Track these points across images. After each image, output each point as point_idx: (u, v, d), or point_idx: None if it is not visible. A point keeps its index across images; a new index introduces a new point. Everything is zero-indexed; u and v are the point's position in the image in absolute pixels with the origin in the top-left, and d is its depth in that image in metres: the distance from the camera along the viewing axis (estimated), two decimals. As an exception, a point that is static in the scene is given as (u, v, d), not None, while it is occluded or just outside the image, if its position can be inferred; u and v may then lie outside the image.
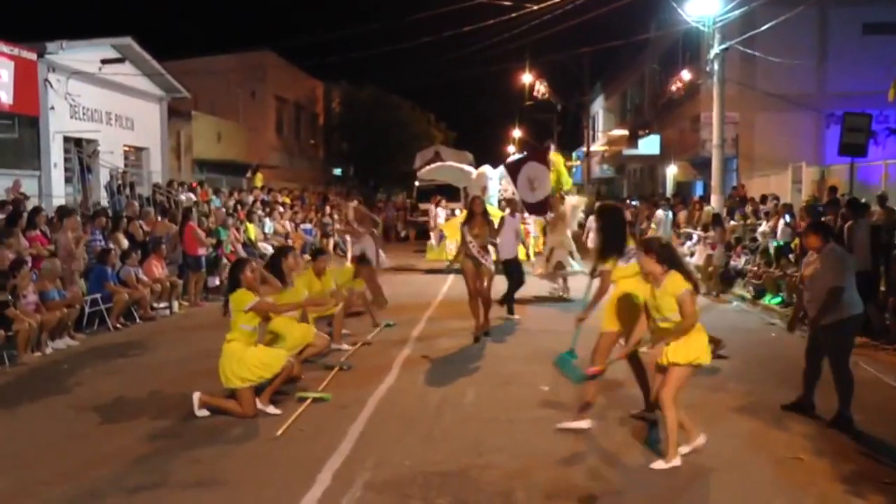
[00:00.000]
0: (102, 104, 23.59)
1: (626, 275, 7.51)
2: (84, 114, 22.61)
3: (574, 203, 18.30)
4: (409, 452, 7.00)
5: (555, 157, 19.02)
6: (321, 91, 50.68)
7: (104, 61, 22.58)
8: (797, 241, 15.88)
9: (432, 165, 25.01)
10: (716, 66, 22.76)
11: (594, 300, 7.96)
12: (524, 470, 6.61)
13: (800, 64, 26.77)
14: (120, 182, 21.38)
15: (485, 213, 12.29)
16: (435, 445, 7.24)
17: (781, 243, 16.78)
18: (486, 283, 12.13)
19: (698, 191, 35.65)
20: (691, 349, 6.65)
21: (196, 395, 8.13)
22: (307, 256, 16.30)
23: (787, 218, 17.71)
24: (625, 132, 46.96)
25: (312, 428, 7.70)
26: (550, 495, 6.11)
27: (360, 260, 13.82)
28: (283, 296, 9.39)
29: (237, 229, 20.22)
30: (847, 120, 16.68)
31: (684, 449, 6.74)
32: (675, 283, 6.68)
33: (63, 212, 15.10)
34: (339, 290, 12.00)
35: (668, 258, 6.82)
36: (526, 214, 24.42)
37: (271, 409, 8.15)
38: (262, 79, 40.00)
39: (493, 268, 12.29)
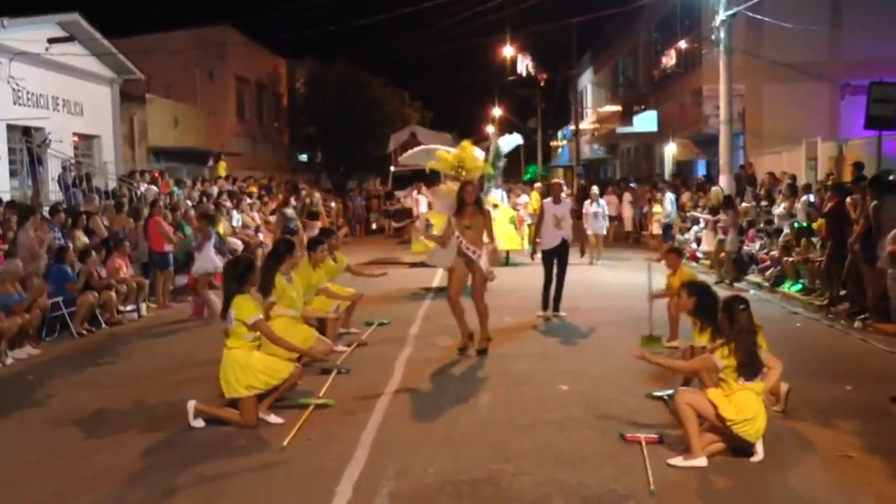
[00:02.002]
0: (49, 88, 23.47)
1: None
2: (29, 99, 22.46)
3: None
4: (431, 460, 7.06)
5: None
6: (285, 70, 50.62)
7: (51, 40, 22.41)
8: (821, 222, 16.04)
9: (414, 149, 25.01)
10: (722, 34, 22.92)
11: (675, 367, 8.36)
12: (555, 475, 6.68)
13: (811, 30, 26.86)
14: (74, 174, 21.22)
15: (478, 202, 11.43)
16: (456, 451, 7.29)
17: (804, 224, 16.91)
18: (477, 283, 11.27)
19: (700, 170, 35.91)
20: (740, 412, 6.89)
21: (191, 404, 8.14)
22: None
23: (811, 198, 17.86)
24: (617, 108, 47.13)
25: (321, 436, 7.74)
26: (589, 500, 6.19)
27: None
28: (287, 290, 9.44)
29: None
30: (874, 90, 16.86)
31: (678, 460, 6.85)
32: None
33: (23, 209, 15.01)
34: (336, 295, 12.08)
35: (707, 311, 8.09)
36: (520, 200, 24.68)
37: (273, 419, 8.18)
38: (222, 57, 39.99)
39: (487, 267, 11.36)
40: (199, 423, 8.09)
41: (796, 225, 17.01)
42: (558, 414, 8.39)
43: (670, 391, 8.53)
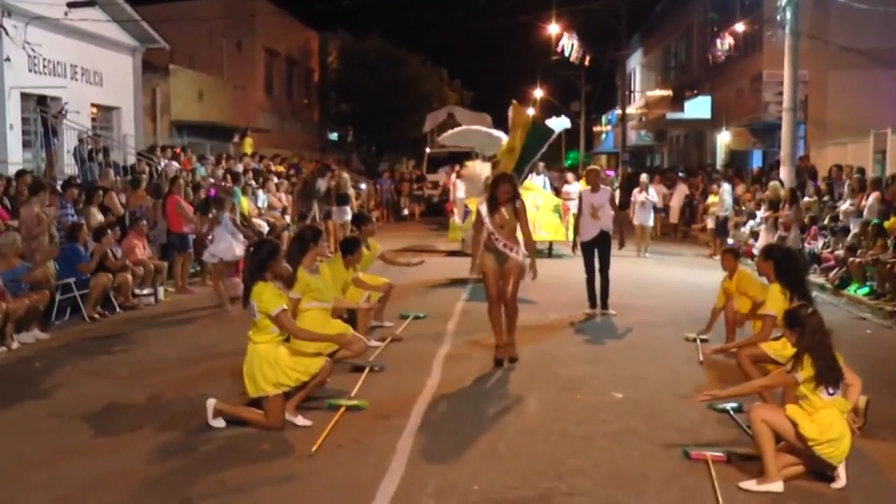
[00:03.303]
0: (67, 56, 23.27)
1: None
2: (45, 67, 22.27)
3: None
4: (475, 474, 6.68)
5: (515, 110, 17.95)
6: (316, 43, 50.46)
7: (70, 4, 22.15)
8: (893, 221, 15.55)
9: (455, 129, 24.60)
10: (788, 15, 22.34)
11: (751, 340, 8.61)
12: (615, 497, 6.31)
13: (885, 13, 26.08)
14: (91, 147, 21.01)
15: (514, 199, 10.40)
16: (503, 465, 6.93)
17: (877, 221, 16.40)
18: (510, 284, 10.32)
19: (756, 161, 35.43)
20: (824, 432, 6.46)
21: (211, 403, 7.80)
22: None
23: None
24: (668, 93, 46.59)
25: (352, 443, 7.40)
26: (656, 529, 5.80)
27: None
28: (312, 283, 9.02)
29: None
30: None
31: (751, 484, 6.45)
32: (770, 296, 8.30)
33: (35, 183, 14.76)
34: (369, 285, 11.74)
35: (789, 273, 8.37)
36: (570, 188, 24.18)
37: (300, 420, 7.86)
38: (251, 28, 39.64)
39: (524, 260, 10.52)
40: (220, 422, 7.76)
41: (874, 221, 16.45)
42: (615, 425, 8.02)
43: (734, 404, 8.26)
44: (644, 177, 24.36)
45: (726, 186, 22.97)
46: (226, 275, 14.80)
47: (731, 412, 8.25)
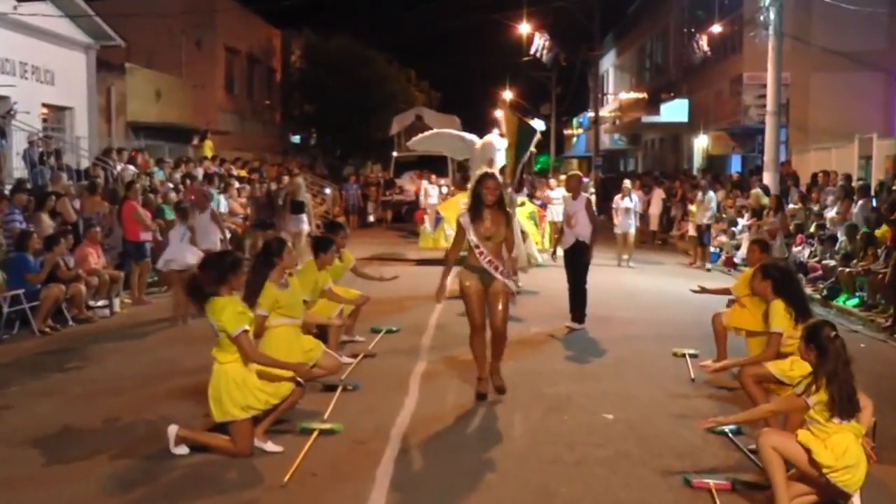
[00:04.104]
0: (16, 53, 22.91)
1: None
2: (-8, 64, 21.90)
3: None
4: (463, 505, 6.39)
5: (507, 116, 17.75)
6: (279, 42, 50.42)
7: (20, -1, 21.78)
8: (885, 229, 15.44)
9: (426, 134, 24.31)
10: (772, 16, 22.24)
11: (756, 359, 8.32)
12: (615, 531, 6.04)
13: (868, 14, 26.11)
14: (42, 149, 20.56)
15: (500, 203, 9.36)
16: (492, 496, 6.66)
17: (866, 229, 16.31)
18: (499, 309, 9.30)
19: (735, 166, 35.46)
20: (840, 459, 6.19)
21: (172, 430, 7.44)
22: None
23: (874, 202, 17.34)
24: (643, 95, 46.67)
25: (328, 471, 7.10)
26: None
27: None
28: (281, 299, 8.65)
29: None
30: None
31: None
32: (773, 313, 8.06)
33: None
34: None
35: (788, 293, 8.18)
36: (554, 194, 23.93)
37: (270, 447, 7.53)
38: (211, 25, 39.50)
39: (514, 286, 9.65)
40: (183, 449, 7.42)
41: (864, 230, 16.35)
42: (608, 450, 7.76)
43: (732, 427, 7.98)
44: (627, 182, 24.11)
45: (711, 195, 22.77)
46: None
47: (731, 434, 8.02)
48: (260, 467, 7.18)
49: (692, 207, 23.84)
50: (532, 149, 17.50)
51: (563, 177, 23.40)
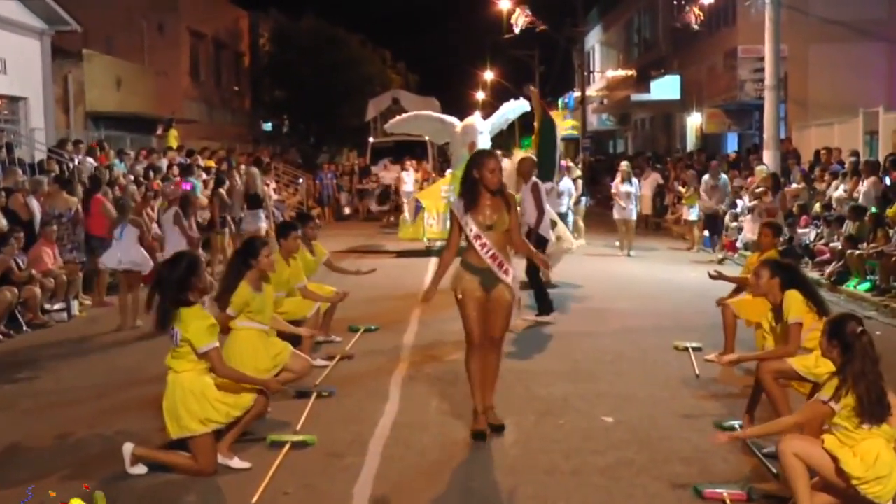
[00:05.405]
0: (-36, 39, 22.55)
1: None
2: (-61, 52, 21.59)
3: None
4: (449, 526, 6.11)
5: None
6: (247, 24, 50.59)
7: (-34, -19, 21.45)
8: (896, 209, 15.29)
9: (403, 116, 24.21)
10: (770, -16, 22.07)
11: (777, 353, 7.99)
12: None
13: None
14: (-7, 143, 20.25)
15: (502, 190, 8.16)
16: (483, 513, 6.36)
17: (875, 210, 16.11)
18: (499, 321, 8.11)
19: (731, 145, 35.40)
20: (871, 468, 5.88)
21: (128, 449, 7.14)
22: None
23: (888, 180, 17.18)
24: (631, 72, 46.71)
25: (301, 489, 6.84)
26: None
27: None
28: (253, 303, 8.31)
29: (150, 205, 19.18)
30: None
31: None
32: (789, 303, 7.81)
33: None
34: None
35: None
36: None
37: (236, 463, 7.25)
38: (173, 7, 39.54)
39: (517, 290, 8.36)
40: (140, 468, 7.12)
41: (873, 210, 16.14)
42: (608, 457, 7.50)
43: (740, 421, 7.84)
44: (625, 164, 23.46)
45: (724, 178, 22.37)
46: (132, 289, 13.97)
47: (738, 429, 7.73)
48: (225, 487, 6.93)
49: (681, 189, 23.60)
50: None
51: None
